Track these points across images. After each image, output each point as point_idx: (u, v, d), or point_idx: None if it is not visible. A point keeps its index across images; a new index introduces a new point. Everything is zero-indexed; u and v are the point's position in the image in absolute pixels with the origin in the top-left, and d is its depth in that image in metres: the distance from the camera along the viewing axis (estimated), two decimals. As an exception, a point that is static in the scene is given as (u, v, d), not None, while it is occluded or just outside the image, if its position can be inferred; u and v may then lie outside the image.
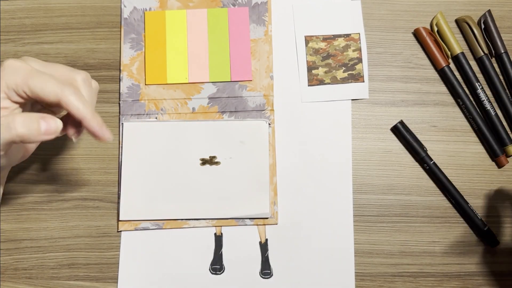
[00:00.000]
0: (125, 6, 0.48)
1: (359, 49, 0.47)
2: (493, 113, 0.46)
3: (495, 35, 0.47)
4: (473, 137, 0.47)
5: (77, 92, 0.31)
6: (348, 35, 0.48)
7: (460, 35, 0.48)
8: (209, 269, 0.44)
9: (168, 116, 0.46)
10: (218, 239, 0.45)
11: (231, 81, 0.46)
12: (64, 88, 0.30)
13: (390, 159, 0.46)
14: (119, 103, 0.46)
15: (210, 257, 0.44)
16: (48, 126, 0.30)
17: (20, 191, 0.45)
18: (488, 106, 0.46)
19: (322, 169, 0.45)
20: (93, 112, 0.32)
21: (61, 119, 0.32)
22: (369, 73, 0.47)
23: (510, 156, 0.46)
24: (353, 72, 0.47)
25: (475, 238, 0.45)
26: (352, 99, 0.47)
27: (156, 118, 0.46)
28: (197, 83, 0.46)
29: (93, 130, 0.32)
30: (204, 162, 0.45)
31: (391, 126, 0.46)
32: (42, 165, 0.46)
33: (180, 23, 0.47)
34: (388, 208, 0.45)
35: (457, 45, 0.47)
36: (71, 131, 0.34)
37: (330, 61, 0.47)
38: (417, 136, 0.46)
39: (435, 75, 0.47)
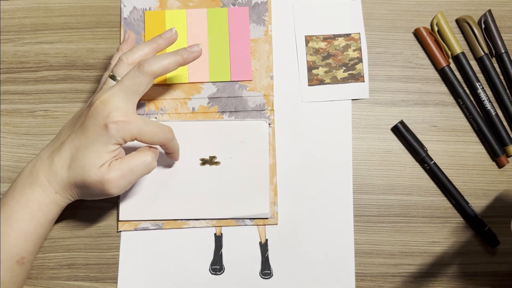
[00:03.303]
0: (124, 6, 0.47)
1: (359, 49, 0.47)
2: (493, 113, 0.46)
3: (496, 35, 0.47)
4: (474, 137, 0.47)
5: (174, 139, 0.41)
6: (348, 35, 0.47)
7: (461, 35, 0.48)
8: (209, 269, 0.44)
9: (168, 116, 0.46)
10: (218, 239, 0.44)
11: (231, 81, 0.46)
12: (168, 138, 0.39)
13: (391, 159, 0.46)
14: (119, 103, 0.46)
15: (210, 257, 0.44)
16: (156, 155, 0.40)
17: (20, 191, 0.45)
18: (488, 106, 0.46)
19: (322, 169, 0.45)
20: (179, 151, 0.43)
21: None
22: (369, 73, 0.47)
23: (510, 156, 0.46)
24: (353, 72, 0.47)
25: (475, 238, 0.45)
26: (352, 99, 0.47)
27: (156, 118, 0.46)
28: (197, 83, 0.46)
29: (176, 157, 0.43)
30: (204, 162, 0.45)
31: (392, 126, 0.46)
32: (41, 165, 0.46)
33: (180, 23, 0.47)
34: (388, 208, 0.45)
35: (458, 45, 0.47)
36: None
37: (330, 61, 0.47)
38: (417, 136, 0.46)
39: (435, 75, 0.47)
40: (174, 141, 0.41)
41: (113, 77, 0.39)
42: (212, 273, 0.44)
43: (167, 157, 0.43)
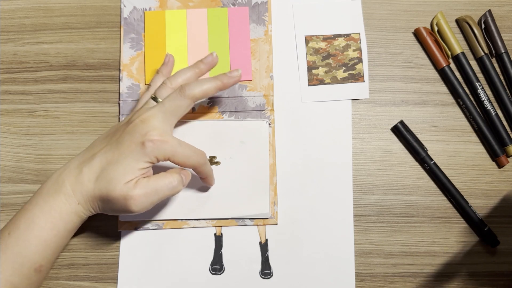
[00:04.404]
0: (125, 6, 0.47)
1: (359, 49, 0.47)
2: (493, 113, 0.46)
3: (496, 35, 0.47)
4: (474, 137, 0.47)
5: (207, 163, 0.41)
6: (348, 35, 0.47)
7: (461, 35, 0.48)
8: (209, 269, 0.44)
9: (168, 116, 0.46)
10: (218, 239, 0.44)
11: (231, 81, 0.46)
12: (200, 162, 0.39)
13: (391, 159, 0.46)
14: (119, 103, 0.46)
15: (210, 257, 0.44)
16: (187, 178, 0.40)
17: (20, 191, 0.45)
18: (488, 106, 0.46)
19: (322, 169, 0.45)
20: (213, 176, 0.43)
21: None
22: (369, 73, 0.47)
23: (510, 156, 0.46)
24: (353, 72, 0.47)
25: (475, 238, 0.45)
26: (352, 99, 0.47)
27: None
28: (197, 83, 0.46)
29: (211, 182, 0.43)
30: (204, 162, 0.45)
31: (392, 126, 0.46)
32: (42, 165, 0.46)
33: (180, 23, 0.47)
34: (388, 208, 0.45)
35: (458, 45, 0.47)
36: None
37: (330, 61, 0.47)
38: (417, 136, 0.46)
39: (435, 75, 0.47)
40: (207, 166, 0.41)
41: (155, 99, 0.40)
42: (212, 273, 0.44)
43: (202, 182, 0.43)
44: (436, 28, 0.47)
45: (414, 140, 0.45)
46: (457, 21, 0.48)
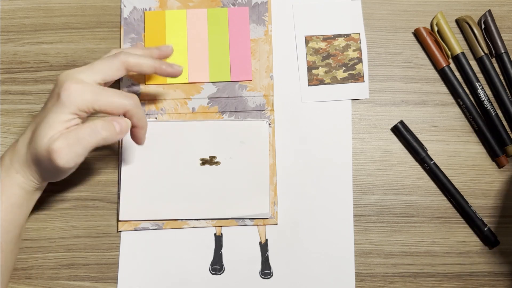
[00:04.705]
0: (125, 6, 0.47)
1: (359, 49, 0.47)
2: (493, 113, 0.46)
3: (495, 35, 0.47)
4: (473, 137, 0.47)
5: (138, 108, 0.38)
6: (348, 35, 0.47)
7: (461, 35, 0.48)
8: (209, 269, 0.44)
9: (168, 116, 0.46)
10: (218, 239, 0.45)
11: (231, 81, 0.46)
12: (128, 103, 0.37)
13: (391, 159, 0.46)
14: (119, 103, 0.46)
15: (210, 257, 0.44)
16: (121, 126, 0.37)
17: (20, 191, 0.45)
18: (488, 106, 0.46)
19: (322, 169, 0.45)
20: (145, 131, 0.40)
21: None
22: (369, 73, 0.47)
23: (510, 156, 0.46)
24: (353, 72, 0.47)
25: (475, 238, 0.45)
26: (352, 99, 0.47)
27: (156, 118, 0.46)
28: (197, 83, 0.46)
29: (142, 137, 0.40)
30: (204, 162, 0.45)
31: (391, 126, 0.46)
32: (41, 165, 0.46)
33: (180, 23, 0.47)
34: (388, 208, 0.45)
35: (457, 45, 0.47)
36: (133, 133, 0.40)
37: (330, 61, 0.47)
38: (417, 136, 0.46)
39: (435, 75, 0.47)
40: (138, 110, 0.38)
41: None
42: (212, 273, 0.44)
43: (132, 139, 0.41)
44: (436, 28, 0.47)
45: (414, 140, 0.45)
46: (457, 21, 0.48)
